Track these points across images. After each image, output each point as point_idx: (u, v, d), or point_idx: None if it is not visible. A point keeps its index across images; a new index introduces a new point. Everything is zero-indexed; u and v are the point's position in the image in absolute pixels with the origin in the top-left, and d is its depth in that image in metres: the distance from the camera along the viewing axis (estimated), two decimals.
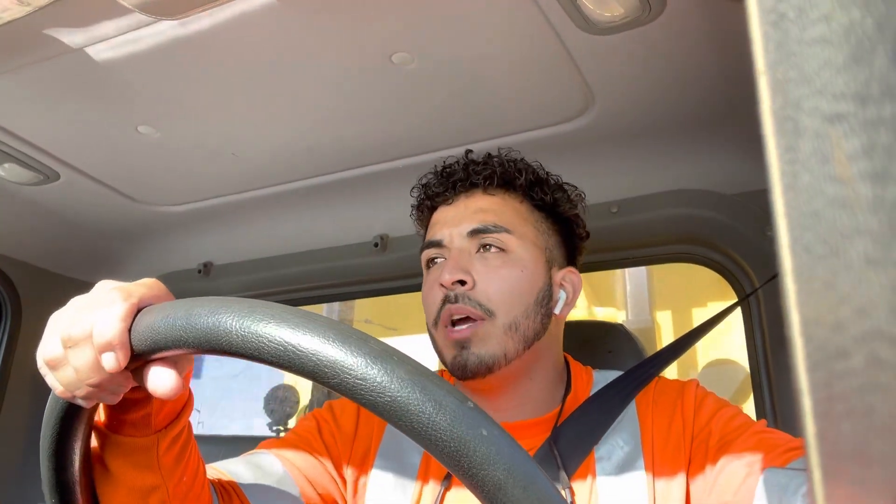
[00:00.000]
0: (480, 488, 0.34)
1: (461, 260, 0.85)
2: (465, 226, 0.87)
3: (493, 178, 0.90)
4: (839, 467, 0.15)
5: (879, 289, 0.15)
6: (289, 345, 0.38)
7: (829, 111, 0.15)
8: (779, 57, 0.16)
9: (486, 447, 0.34)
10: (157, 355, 0.45)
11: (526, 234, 0.88)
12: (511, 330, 0.82)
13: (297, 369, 0.37)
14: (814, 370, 0.16)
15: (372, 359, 0.37)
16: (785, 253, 0.16)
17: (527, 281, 0.85)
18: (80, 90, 1.05)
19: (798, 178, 0.16)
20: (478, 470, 0.34)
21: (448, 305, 0.83)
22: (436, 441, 0.35)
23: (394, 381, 0.36)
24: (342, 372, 0.36)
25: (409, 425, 0.35)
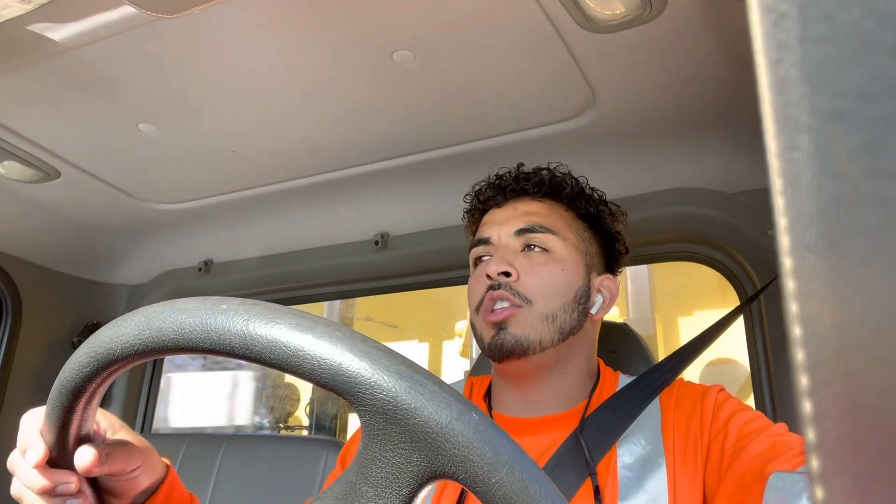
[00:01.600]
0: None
1: (506, 255, 0.90)
2: (512, 224, 0.93)
3: (541, 186, 0.96)
4: (840, 469, 0.15)
5: (881, 289, 0.15)
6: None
7: (830, 109, 0.15)
8: (780, 55, 0.16)
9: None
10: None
11: (569, 237, 0.94)
12: (547, 320, 0.87)
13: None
14: (814, 370, 0.16)
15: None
16: (785, 252, 0.16)
17: (566, 278, 0.90)
18: (81, 88, 1.05)
19: (799, 177, 0.15)
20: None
21: (491, 292, 0.88)
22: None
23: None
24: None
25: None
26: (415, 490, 0.36)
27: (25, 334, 1.63)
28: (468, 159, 1.24)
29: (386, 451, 0.36)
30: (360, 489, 0.36)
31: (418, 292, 1.61)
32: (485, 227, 0.97)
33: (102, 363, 0.42)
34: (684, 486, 0.78)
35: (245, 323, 0.38)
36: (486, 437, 0.35)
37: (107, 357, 0.42)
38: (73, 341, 1.73)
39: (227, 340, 0.38)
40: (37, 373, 1.65)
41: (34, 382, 1.65)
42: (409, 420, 0.35)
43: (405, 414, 0.35)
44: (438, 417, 0.35)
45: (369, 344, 0.37)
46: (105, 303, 1.82)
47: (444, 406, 0.35)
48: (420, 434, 0.35)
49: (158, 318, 0.40)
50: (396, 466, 0.36)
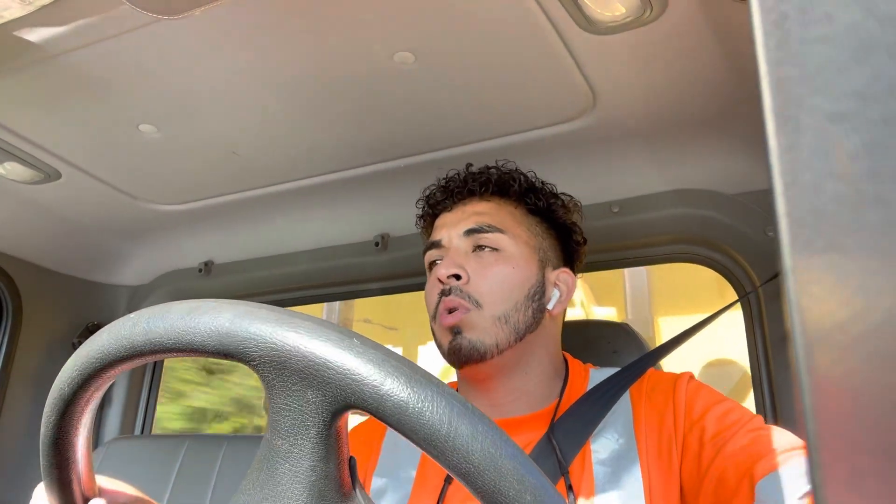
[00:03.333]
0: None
1: (456, 257, 0.91)
2: (461, 226, 0.93)
3: (488, 185, 0.97)
4: (840, 466, 0.15)
5: (881, 288, 0.15)
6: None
7: (830, 110, 0.15)
8: (780, 56, 0.16)
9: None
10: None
11: (519, 234, 0.93)
12: (500, 321, 0.87)
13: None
14: (814, 369, 0.16)
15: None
16: (786, 251, 0.16)
17: (518, 277, 0.90)
18: (82, 89, 1.05)
19: (799, 177, 0.16)
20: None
21: (443, 298, 0.88)
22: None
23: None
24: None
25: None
26: (322, 429, 0.37)
27: (26, 335, 1.63)
28: (469, 161, 1.23)
29: (286, 400, 0.37)
30: (275, 444, 0.38)
31: (418, 293, 1.61)
32: (436, 231, 0.98)
33: (60, 407, 0.44)
34: (660, 479, 0.78)
35: (146, 322, 0.40)
36: (368, 357, 0.36)
37: (60, 400, 0.44)
38: (74, 342, 1.73)
39: (135, 345, 0.40)
40: (37, 374, 1.65)
41: (34, 383, 1.65)
42: (293, 361, 0.36)
43: (288, 355, 0.36)
44: (318, 350, 0.36)
45: (247, 306, 0.39)
46: (105, 304, 1.82)
47: (322, 339, 0.36)
48: (306, 371, 0.36)
49: (87, 346, 0.43)
50: (298, 410, 0.37)
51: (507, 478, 0.33)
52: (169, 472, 1.47)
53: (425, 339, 5.67)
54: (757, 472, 0.68)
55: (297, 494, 0.37)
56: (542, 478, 0.34)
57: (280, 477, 0.37)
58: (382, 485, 0.90)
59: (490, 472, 0.33)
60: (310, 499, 0.37)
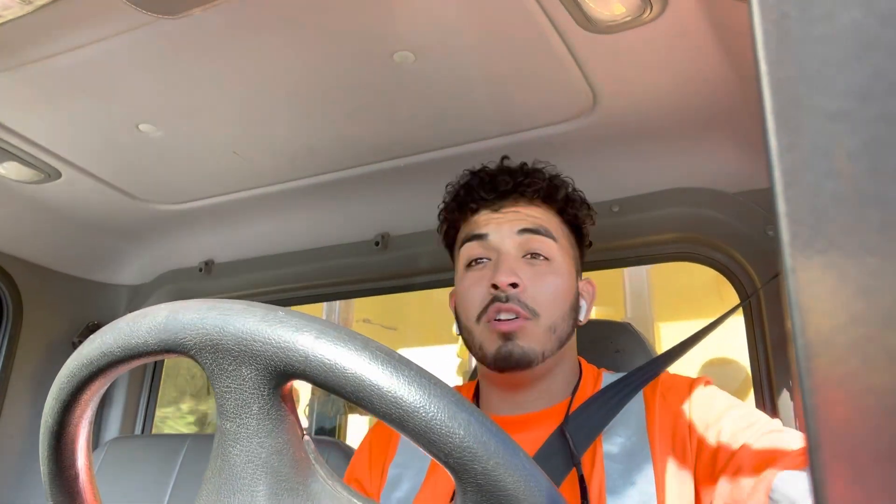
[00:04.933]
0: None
1: (512, 263, 0.89)
2: (515, 224, 0.91)
3: (540, 192, 0.94)
4: (841, 466, 0.15)
5: (882, 287, 0.15)
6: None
7: (830, 109, 0.15)
8: (780, 55, 0.16)
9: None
10: None
11: (564, 244, 0.94)
12: (551, 331, 0.87)
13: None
14: (815, 370, 0.16)
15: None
16: (786, 251, 0.16)
17: (565, 288, 0.90)
18: (82, 88, 1.05)
19: (799, 176, 0.16)
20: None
21: (497, 304, 0.86)
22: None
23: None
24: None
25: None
26: (263, 404, 0.38)
27: (26, 334, 1.63)
28: (469, 160, 1.24)
29: (225, 381, 0.38)
30: (225, 428, 0.39)
31: (417, 293, 1.61)
32: (479, 225, 0.94)
33: (48, 439, 0.45)
34: (672, 479, 0.78)
35: (101, 336, 0.41)
36: (291, 324, 0.37)
37: (45, 430, 0.45)
38: (74, 341, 1.73)
39: (113, 353, 0.41)
40: (37, 373, 1.65)
41: (35, 382, 1.65)
42: (223, 341, 0.37)
43: (218, 337, 0.37)
44: (244, 326, 0.37)
45: (187, 302, 0.40)
46: (106, 303, 1.82)
47: (247, 316, 0.37)
48: (237, 349, 0.37)
49: (76, 357, 0.43)
50: (238, 390, 0.38)
51: (438, 416, 0.33)
52: (169, 471, 1.47)
53: (425, 339, 5.67)
54: (772, 474, 0.68)
55: (251, 474, 0.38)
56: (473, 411, 0.35)
57: (234, 459, 0.38)
58: (398, 474, 0.91)
59: (421, 413, 0.33)
60: (265, 476, 0.37)
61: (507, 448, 0.34)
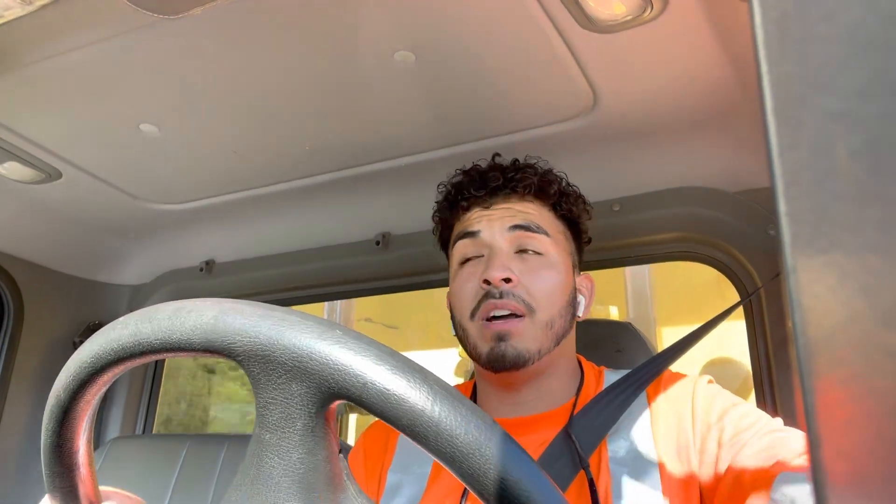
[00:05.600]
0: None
1: (504, 258, 0.88)
2: (507, 220, 0.90)
3: (531, 187, 0.93)
4: (842, 466, 0.15)
5: (883, 286, 0.15)
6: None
7: (831, 108, 0.15)
8: (781, 54, 0.16)
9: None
10: None
11: (558, 239, 0.92)
12: (547, 327, 0.86)
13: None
14: (816, 369, 0.16)
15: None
16: (787, 250, 0.16)
17: (561, 282, 0.89)
18: (82, 88, 1.05)
19: (800, 175, 0.16)
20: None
21: (491, 300, 0.85)
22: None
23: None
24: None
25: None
26: (308, 421, 0.37)
27: (27, 334, 1.63)
28: (470, 159, 1.23)
29: (272, 393, 0.37)
30: (264, 438, 0.38)
31: (419, 293, 1.61)
32: (471, 222, 0.93)
33: (58, 415, 0.45)
34: (677, 481, 0.78)
35: (134, 324, 0.40)
36: (350, 346, 0.36)
37: (58, 406, 0.44)
38: (75, 341, 1.73)
39: (125, 347, 0.40)
40: (38, 373, 1.66)
41: (35, 383, 1.65)
42: (276, 354, 0.37)
43: (271, 349, 0.37)
44: (301, 342, 0.36)
45: (231, 303, 0.39)
46: (107, 303, 1.82)
47: (304, 331, 0.37)
48: (290, 364, 0.36)
49: (81, 351, 0.43)
50: (284, 403, 0.37)
51: (492, 461, 0.33)
52: (170, 471, 1.47)
53: (426, 339, 5.67)
54: (773, 473, 0.68)
55: (286, 488, 0.37)
56: (529, 462, 0.34)
57: (270, 471, 0.38)
58: (397, 480, 0.89)
59: (476, 457, 0.33)
60: (300, 492, 0.37)
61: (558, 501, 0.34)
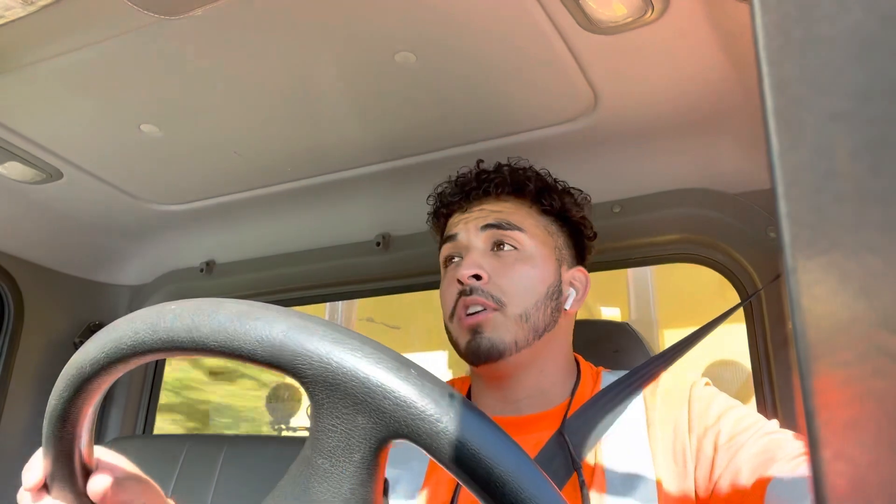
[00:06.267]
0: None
1: (476, 257, 0.90)
2: (480, 221, 0.93)
3: (504, 186, 0.96)
4: (842, 469, 0.15)
5: (884, 288, 0.15)
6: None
7: (831, 109, 0.15)
8: (781, 56, 0.16)
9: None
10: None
11: (536, 234, 0.93)
12: (521, 320, 0.87)
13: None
14: (817, 371, 0.16)
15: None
16: (788, 252, 0.16)
17: (537, 276, 0.90)
18: (83, 89, 1.05)
19: (801, 176, 0.16)
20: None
21: (463, 298, 0.88)
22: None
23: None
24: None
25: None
26: (368, 454, 0.36)
27: (27, 335, 1.64)
28: (470, 160, 1.23)
29: (333, 420, 0.36)
30: (316, 462, 0.37)
31: (420, 293, 1.61)
32: (451, 227, 0.97)
33: (78, 382, 0.43)
34: (673, 483, 0.77)
35: (191, 319, 0.39)
36: (427, 390, 0.35)
37: (79, 376, 0.43)
38: (75, 342, 1.73)
39: (176, 339, 0.39)
40: (38, 373, 1.66)
41: (36, 383, 1.65)
42: (347, 384, 0.35)
43: (343, 378, 0.36)
44: (376, 377, 0.35)
45: (303, 318, 0.38)
46: (107, 303, 1.82)
47: (380, 366, 0.36)
48: (360, 396, 0.35)
49: (116, 331, 0.41)
50: (345, 433, 0.36)
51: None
52: (170, 471, 1.47)
53: (427, 338, 5.67)
54: (769, 475, 0.68)
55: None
56: None
57: (316, 495, 0.37)
58: (395, 475, 0.90)
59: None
60: None
61: None
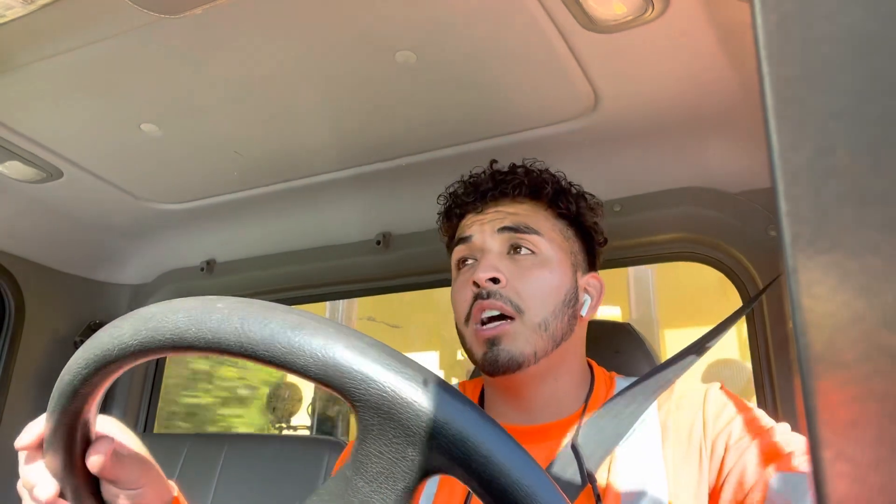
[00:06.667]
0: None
1: (493, 259, 0.87)
2: (496, 223, 0.90)
3: (521, 188, 0.92)
4: (843, 469, 0.15)
5: (884, 287, 0.15)
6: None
7: (832, 108, 0.15)
8: (782, 54, 0.16)
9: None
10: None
11: (553, 238, 0.91)
12: (540, 329, 0.84)
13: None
14: (817, 371, 0.16)
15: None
16: (788, 251, 0.16)
17: (555, 282, 0.87)
18: (83, 88, 1.05)
19: (801, 175, 0.15)
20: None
21: (479, 301, 0.85)
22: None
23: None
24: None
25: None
26: (411, 485, 0.35)
27: (28, 333, 1.64)
28: (470, 159, 1.24)
29: (381, 446, 0.36)
30: (357, 485, 0.36)
31: (420, 292, 1.61)
32: (465, 228, 0.94)
33: (99, 364, 0.42)
34: (686, 491, 0.77)
35: (240, 322, 0.38)
36: (482, 432, 0.35)
37: (103, 359, 0.42)
38: (76, 341, 1.73)
39: (222, 340, 0.38)
40: (39, 372, 1.66)
41: (36, 381, 1.65)
42: (402, 414, 0.35)
43: (398, 408, 0.35)
44: (432, 412, 0.35)
45: (361, 339, 0.37)
46: (107, 302, 1.82)
47: (437, 401, 0.35)
48: (414, 429, 0.35)
49: (154, 319, 0.40)
50: (391, 461, 0.35)
51: None
52: (170, 471, 1.47)
53: (427, 338, 5.68)
54: (769, 473, 0.68)
55: None
56: None
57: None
58: None
59: None
60: None
61: None
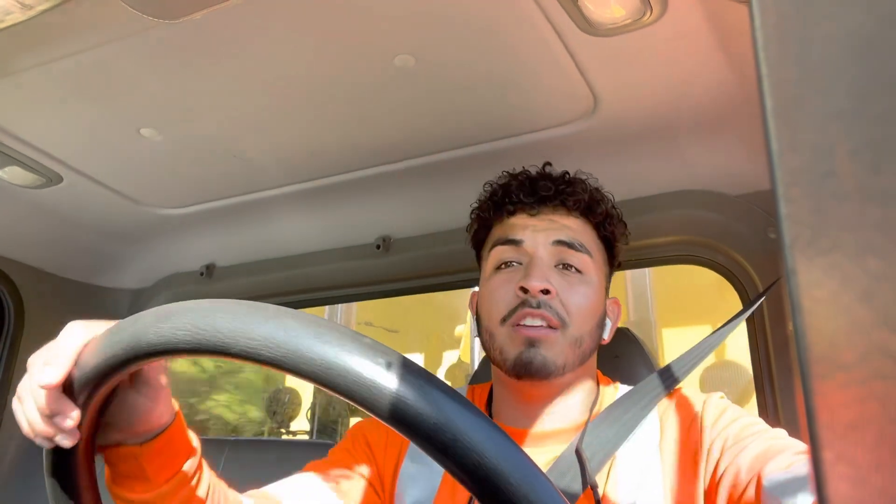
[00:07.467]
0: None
1: (546, 271, 0.87)
2: (551, 234, 0.90)
3: (580, 204, 0.93)
4: (844, 470, 0.15)
5: (885, 289, 0.15)
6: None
7: (831, 109, 0.15)
8: (781, 56, 0.16)
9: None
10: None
11: (598, 260, 0.92)
12: (576, 344, 0.86)
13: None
14: (818, 373, 0.16)
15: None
16: (788, 253, 0.16)
17: (595, 302, 0.89)
18: (83, 93, 1.05)
19: (800, 177, 0.16)
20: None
21: (526, 309, 0.85)
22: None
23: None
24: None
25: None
26: None
27: (28, 339, 1.63)
28: (470, 163, 1.24)
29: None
30: None
31: (419, 296, 1.61)
32: (515, 229, 0.92)
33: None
34: (683, 493, 0.78)
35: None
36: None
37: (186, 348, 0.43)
38: None
39: (304, 356, 0.39)
40: None
41: None
42: (472, 470, 0.36)
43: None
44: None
45: (433, 384, 0.38)
46: (107, 307, 1.82)
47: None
48: (488, 492, 0.36)
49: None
50: None
51: None
52: None
53: (426, 342, 5.66)
54: (766, 471, 0.68)
55: None
56: None
57: None
58: (414, 471, 0.89)
59: None
60: None
61: None
